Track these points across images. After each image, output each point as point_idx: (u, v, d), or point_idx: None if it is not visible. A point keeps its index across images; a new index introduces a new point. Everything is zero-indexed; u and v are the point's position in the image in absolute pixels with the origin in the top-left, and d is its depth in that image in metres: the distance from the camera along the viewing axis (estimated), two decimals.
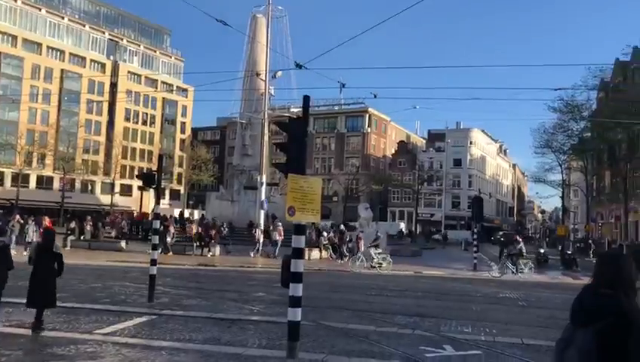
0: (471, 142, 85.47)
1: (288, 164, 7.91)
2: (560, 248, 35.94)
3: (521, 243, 25.40)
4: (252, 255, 28.11)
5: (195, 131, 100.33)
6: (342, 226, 34.24)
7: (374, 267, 24.18)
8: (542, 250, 32.74)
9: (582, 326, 2.90)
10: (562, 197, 63.30)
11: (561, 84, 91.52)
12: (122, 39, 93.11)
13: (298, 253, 7.77)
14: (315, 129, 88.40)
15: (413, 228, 71.01)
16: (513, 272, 23.60)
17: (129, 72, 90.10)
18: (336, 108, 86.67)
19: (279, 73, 32.83)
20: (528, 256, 26.19)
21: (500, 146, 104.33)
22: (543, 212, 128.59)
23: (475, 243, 27.56)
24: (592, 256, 34.94)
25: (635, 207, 44.52)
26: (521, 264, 23.96)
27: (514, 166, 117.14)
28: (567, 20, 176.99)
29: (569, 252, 31.75)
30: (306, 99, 8.17)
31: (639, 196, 45.38)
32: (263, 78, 32.53)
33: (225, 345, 8.46)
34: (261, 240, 29.04)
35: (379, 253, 25.27)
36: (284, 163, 8.10)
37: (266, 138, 32.92)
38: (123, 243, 31.27)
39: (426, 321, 11.18)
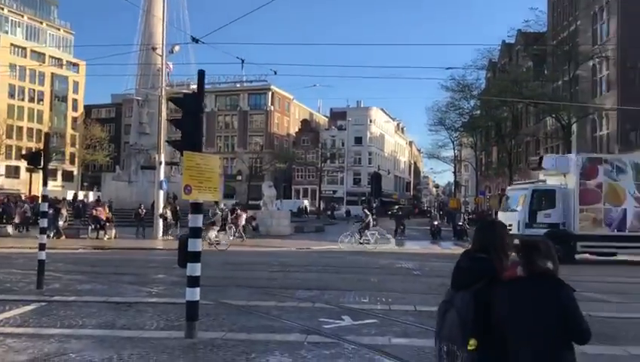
0: (371, 121, 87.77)
1: (183, 141, 7.72)
2: (452, 220, 37.91)
3: (370, 217, 26.95)
4: (161, 237, 27.62)
5: (88, 109, 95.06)
6: (234, 205, 34.27)
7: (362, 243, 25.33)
8: (435, 222, 34.44)
9: (460, 289, 3.09)
10: (454, 172, 67.96)
11: (455, 64, 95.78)
12: (3, 9, 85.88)
13: (195, 232, 7.63)
14: (217, 106, 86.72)
15: (317, 205, 72.04)
16: (360, 243, 25.23)
17: (12, 44, 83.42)
18: (238, 85, 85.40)
19: (177, 48, 31.64)
20: (424, 227, 27.55)
21: (398, 124, 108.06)
22: (437, 186, 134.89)
23: (373, 216, 28.51)
24: None
25: (518, 180, 47.98)
26: (367, 235, 25.73)
27: (410, 143, 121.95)
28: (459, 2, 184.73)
29: (460, 223, 33.58)
30: (201, 73, 7.96)
31: (522, 170, 49.12)
32: (160, 53, 31.23)
33: (120, 329, 8.20)
34: (168, 221, 28.36)
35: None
36: (179, 140, 7.88)
37: (164, 115, 31.75)
38: (9, 229, 29.22)
39: (327, 294, 11.44)
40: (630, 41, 34.45)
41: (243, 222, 28.45)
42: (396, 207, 67.52)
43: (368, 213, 28.19)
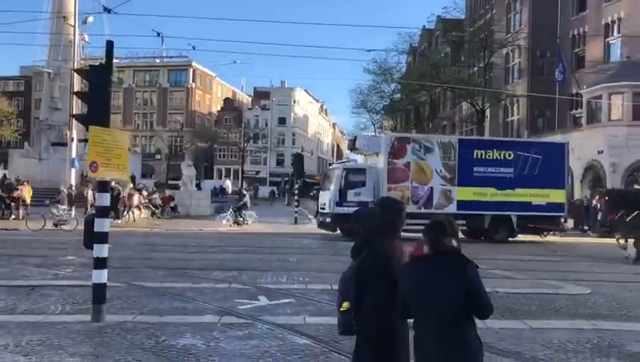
0: (294, 101, 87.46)
1: (89, 115, 7.31)
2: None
3: (247, 197, 27.14)
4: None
5: None
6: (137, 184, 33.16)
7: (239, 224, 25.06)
8: None
9: (354, 259, 3.52)
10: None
11: (382, 47, 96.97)
12: None
13: (102, 212, 7.29)
14: (135, 83, 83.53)
15: (240, 185, 71.36)
16: (238, 223, 25.34)
17: None
18: (157, 61, 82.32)
19: (90, 18, 30.00)
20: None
21: (322, 106, 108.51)
22: None
23: (296, 197, 28.58)
24: None
25: None
26: (245, 216, 25.89)
27: (334, 125, 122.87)
28: None
29: None
30: (110, 44, 7.56)
31: None
32: (72, 23, 29.56)
33: (22, 314, 7.74)
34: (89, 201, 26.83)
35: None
36: (84, 114, 7.46)
37: (76, 89, 30.14)
38: None
39: (244, 275, 11.35)
40: (541, 31, 36.18)
41: (135, 203, 27.12)
42: (316, 187, 68.11)
43: (245, 193, 28.17)
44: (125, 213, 26.29)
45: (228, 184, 70.25)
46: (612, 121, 29.28)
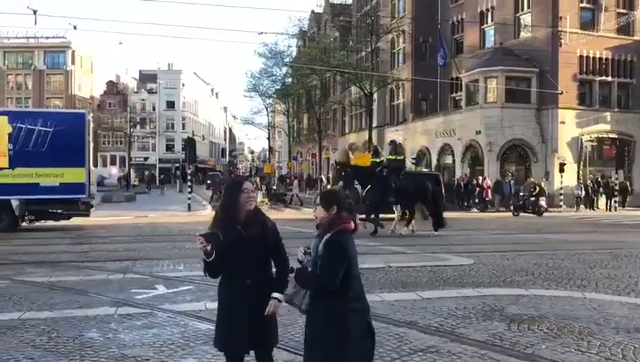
0: (183, 85, 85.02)
1: None
2: (267, 184, 39.02)
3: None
4: None
5: None
6: None
7: None
8: None
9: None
10: (268, 138, 70.20)
11: (271, 30, 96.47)
12: None
13: None
14: (6, 65, 77.09)
15: (127, 173, 68.36)
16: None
17: None
18: (32, 41, 76.24)
19: None
20: None
21: (212, 89, 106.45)
22: (252, 152, 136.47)
23: (189, 185, 27.95)
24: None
25: (326, 146, 50.80)
26: None
27: (225, 109, 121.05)
28: None
29: (274, 187, 34.93)
30: None
31: (330, 136, 52.18)
32: None
33: None
34: None
35: None
36: None
37: None
38: None
39: (138, 264, 11.01)
40: (423, 17, 37.90)
41: None
42: (210, 173, 67.16)
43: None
44: None
45: (115, 171, 67.17)
46: (488, 103, 31.54)
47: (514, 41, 32.40)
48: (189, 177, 28.44)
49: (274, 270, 3.74)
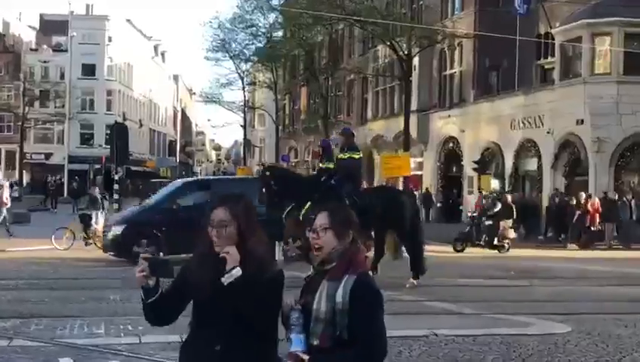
0: (110, 39, 57.94)
1: None
2: None
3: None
4: None
5: None
6: None
7: None
8: None
9: None
10: (244, 126, 51.60)
11: None
12: None
13: None
14: None
15: (17, 177, 48.13)
16: None
17: None
18: None
19: None
20: None
21: (156, 47, 73.22)
22: (218, 148, 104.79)
23: (116, 198, 21.14)
24: None
25: (336, 140, 31.73)
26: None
27: (177, 78, 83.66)
28: None
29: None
30: None
31: (343, 124, 31.49)
32: None
33: None
34: None
35: None
36: None
37: None
38: None
39: (33, 324, 8.02)
40: None
41: None
42: (155, 180, 43.22)
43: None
44: None
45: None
46: (596, 75, 23.50)
47: None
48: (115, 186, 21.93)
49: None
